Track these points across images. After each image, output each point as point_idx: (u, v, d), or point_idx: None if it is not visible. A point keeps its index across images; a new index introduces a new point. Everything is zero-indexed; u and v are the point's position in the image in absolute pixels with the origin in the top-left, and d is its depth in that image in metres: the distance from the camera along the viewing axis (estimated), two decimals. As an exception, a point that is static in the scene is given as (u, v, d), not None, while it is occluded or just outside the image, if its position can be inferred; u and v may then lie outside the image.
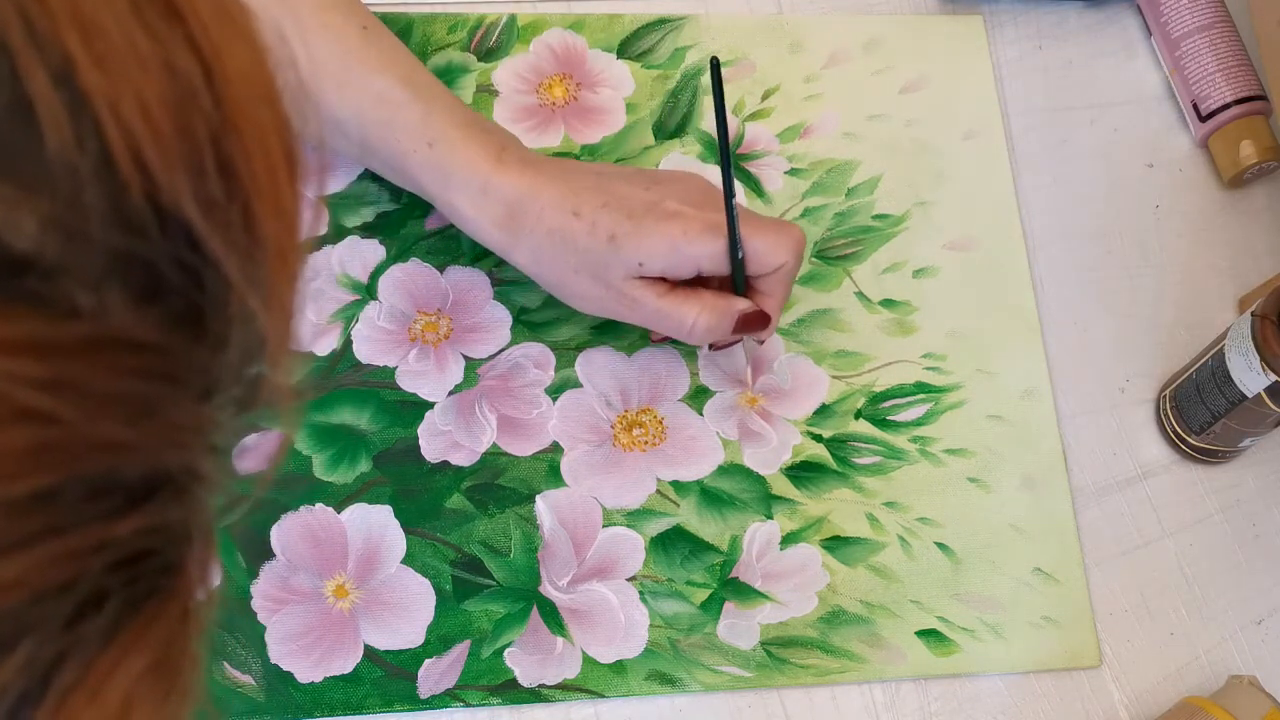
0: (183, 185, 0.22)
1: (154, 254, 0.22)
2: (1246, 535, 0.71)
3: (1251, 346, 0.62)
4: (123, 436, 0.22)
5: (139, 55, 0.22)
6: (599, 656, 0.63)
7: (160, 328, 0.22)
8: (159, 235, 0.22)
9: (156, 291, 0.22)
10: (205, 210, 0.22)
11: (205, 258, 0.23)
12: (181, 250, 0.22)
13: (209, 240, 0.22)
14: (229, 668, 0.60)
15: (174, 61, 0.22)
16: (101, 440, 0.21)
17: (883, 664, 0.65)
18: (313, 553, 0.63)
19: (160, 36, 0.22)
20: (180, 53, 0.22)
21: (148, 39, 0.22)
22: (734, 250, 0.60)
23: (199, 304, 0.23)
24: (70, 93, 0.21)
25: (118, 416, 0.21)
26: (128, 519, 0.22)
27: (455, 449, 0.65)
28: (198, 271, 0.22)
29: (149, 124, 0.21)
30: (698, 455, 0.67)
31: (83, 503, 0.21)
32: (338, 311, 0.67)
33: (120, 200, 0.21)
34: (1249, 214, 0.77)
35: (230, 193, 0.23)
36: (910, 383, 0.70)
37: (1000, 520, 0.68)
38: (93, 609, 0.22)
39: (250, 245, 0.24)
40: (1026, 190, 0.76)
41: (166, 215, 0.22)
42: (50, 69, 0.20)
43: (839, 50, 0.77)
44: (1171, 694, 0.66)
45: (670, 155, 0.73)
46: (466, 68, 0.73)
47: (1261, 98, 0.77)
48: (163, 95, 0.22)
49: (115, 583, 0.22)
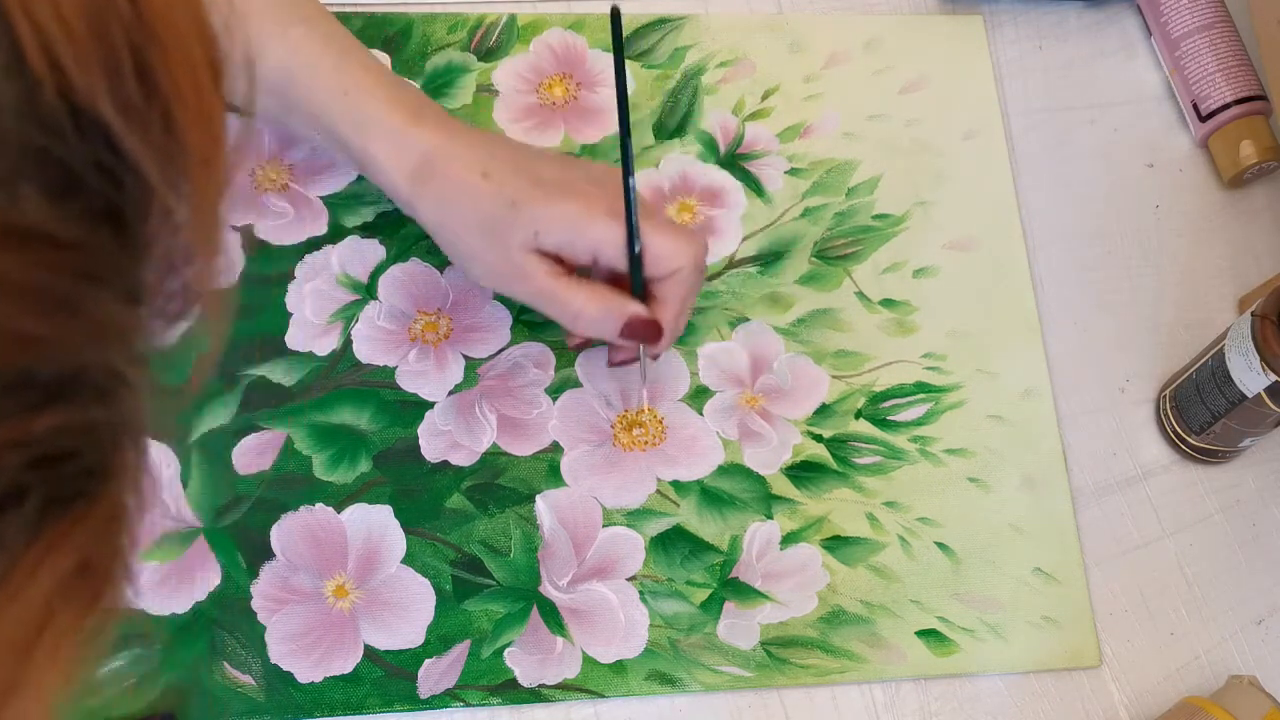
0: (98, 85, 0.22)
1: (70, 153, 0.22)
2: (1246, 535, 0.71)
3: (1251, 346, 0.62)
4: (38, 330, 0.21)
5: None
6: (599, 656, 0.63)
7: (77, 224, 0.22)
8: (75, 135, 0.22)
9: (73, 190, 0.22)
10: (122, 111, 0.22)
11: (124, 160, 0.23)
12: (100, 151, 0.22)
13: (126, 140, 0.22)
14: (229, 668, 0.60)
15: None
16: (15, 333, 0.21)
17: (883, 664, 0.65)
18: (313, 553, 0.63)
19: None
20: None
21: None
22: (631, 241, 0.59)
23: (119, 205, 0.23)
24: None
25: (33, 309, 0.21)
26: (44, 415, 0.22)
27: (455, 449, 0.65)
28: (116, 173, 0.23)
29: (62, 24, 0.21)
30: (698, 455, 0.67)
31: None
32: (338, 311, 0.67)
33: (33, 96, 0.21)
34: (1249, 214, 0.77)
35: (149, 97, 0.23)
36: (910, 383, 0.70)
37: (1000, 520, 0.68)
38: (12, 505, 0.22)
39: (171, 149, 0.24)
40: (1026, 190, 0.76)
41: (82, 115, 0.22)
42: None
43: (839, 50, 0.77)
44: (1171, 694, 0.66)
45: (670, 155, 0.73)
46: (466, 68, 0.73)
47: (1261, 98, 0.77)
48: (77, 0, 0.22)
49: (34, 480, 0.22)
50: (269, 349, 0.66)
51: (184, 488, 0.63)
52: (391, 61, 0.73)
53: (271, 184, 0.69)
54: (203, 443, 0.64)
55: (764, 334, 0.70)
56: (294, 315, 0.67)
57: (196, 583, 0.62)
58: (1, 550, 0.22)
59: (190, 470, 0.63)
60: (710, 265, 0.71)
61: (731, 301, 0.70)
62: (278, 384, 0.65)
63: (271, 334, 0.66)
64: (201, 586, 0.62)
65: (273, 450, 0.64)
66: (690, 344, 0.69)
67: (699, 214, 0.72)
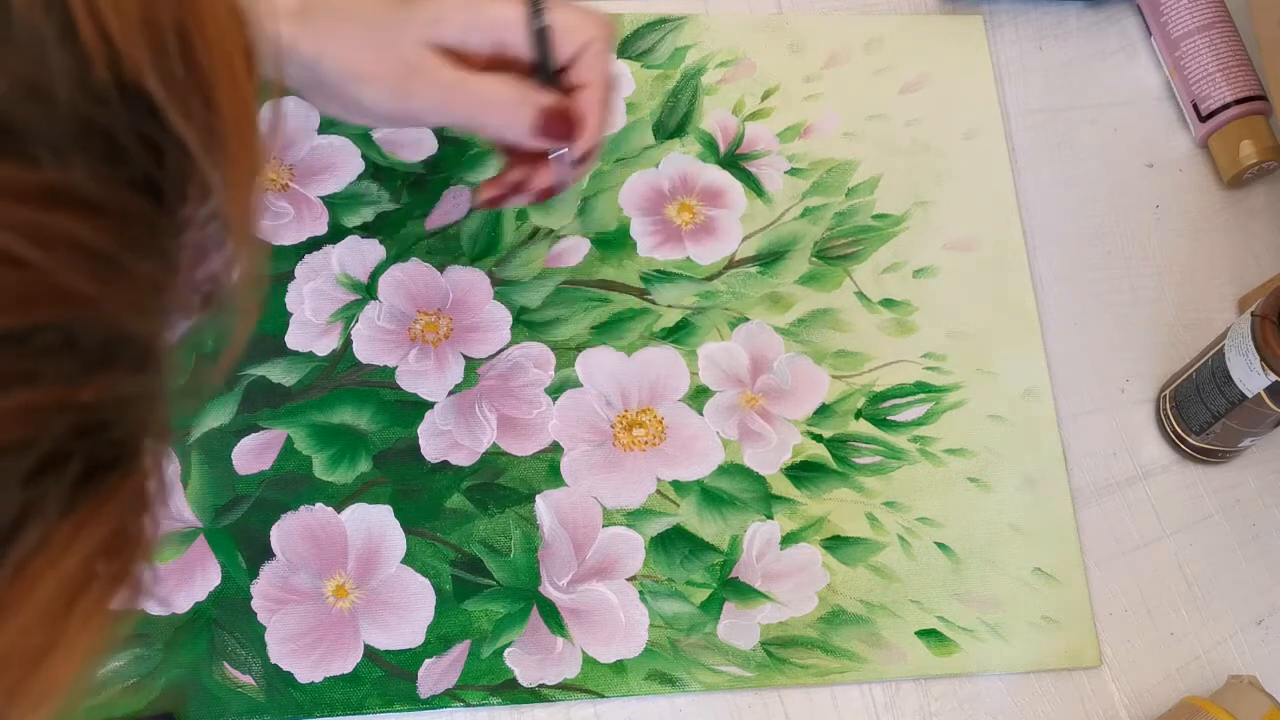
0: (145, 60, 0.23)
1: (116, 123, 0.23)
2: (1246, 535, 0.71)
3: (1251, 346, 0.62)
4: (88, 290, 0.22)
5: None
6: (599, 656, 0.63)
7: (123, 193, 0.23)
8: (121, 106, 0.23)
9: (118, 160, 0.23)
10: (167, 86, 0.23)
11: (167, 132, 0.23)
12: (144, 123, 0.23)
13: (170, 114, 0.23)
14: (229, 668, 0.60)
15: None
16: (68, 290, 0.22)
17: (883, 664, 0.65)
18: (313, 553, 0.63)
19: None
20: None
21: None
22: (535, 14, 0.53)
23: (159, 178, 0.23)
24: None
25: (83, 270, 0.22)
26: (90, 383, 0.23)
27: (455, 449, 0.65)
28: (158, 145, 0.23)
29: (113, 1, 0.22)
30: (698, 455, 0.67)
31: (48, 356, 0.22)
32: (338, 311, 0.67)
33: (84, 67, 0.22)
34: (1249, 214, 0.77)
35: (191, 76, 0.24)
36: (910, 383, 0.70)
37: (1000, 520, 0.68)
38: (54, 471, 0.22)
39: (211, 125, 0.24)
40: (1026, 190, 0.76)
41: (128, 88, 0.23)
42: None
43: (839, 50, 0.77)
44: (1171, 694, 0.66)
45: (670, 155, 0.73)
46: (466, 67, 0.73)
47: (1261, 98, 0.77)
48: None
49: (77, 447, 0.23)
50: (269, 349, 0.66)
51: (184, 488, 0.63)
52: (391, 61, 0.73)
53: (271, 184, 0.69)
54: (203, 443, 0.64)
55: (764, 334, 0.70)
56: (294, 315, 0.67)
57: (196, 583, 0.62)
58: (41, 515, 0.22)
59: (190, 470, 0.63)
60: (710, 265, 0.71)
61: (731, 301, 0.70)
62: (278, 384, 0.65)
63: (271, 334, 0.66)
64: (201, 586, 0.62)
65: (273, 450, 0.64)
66: (690, 344, 0.69)
67: (699, 214, 0.72)
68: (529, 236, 0.70)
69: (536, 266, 0.70)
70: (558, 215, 0.71)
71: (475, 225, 0.70)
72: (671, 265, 0.71)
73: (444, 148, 0.71)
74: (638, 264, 0.70)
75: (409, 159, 0.71)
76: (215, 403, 0.65)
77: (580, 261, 0.70)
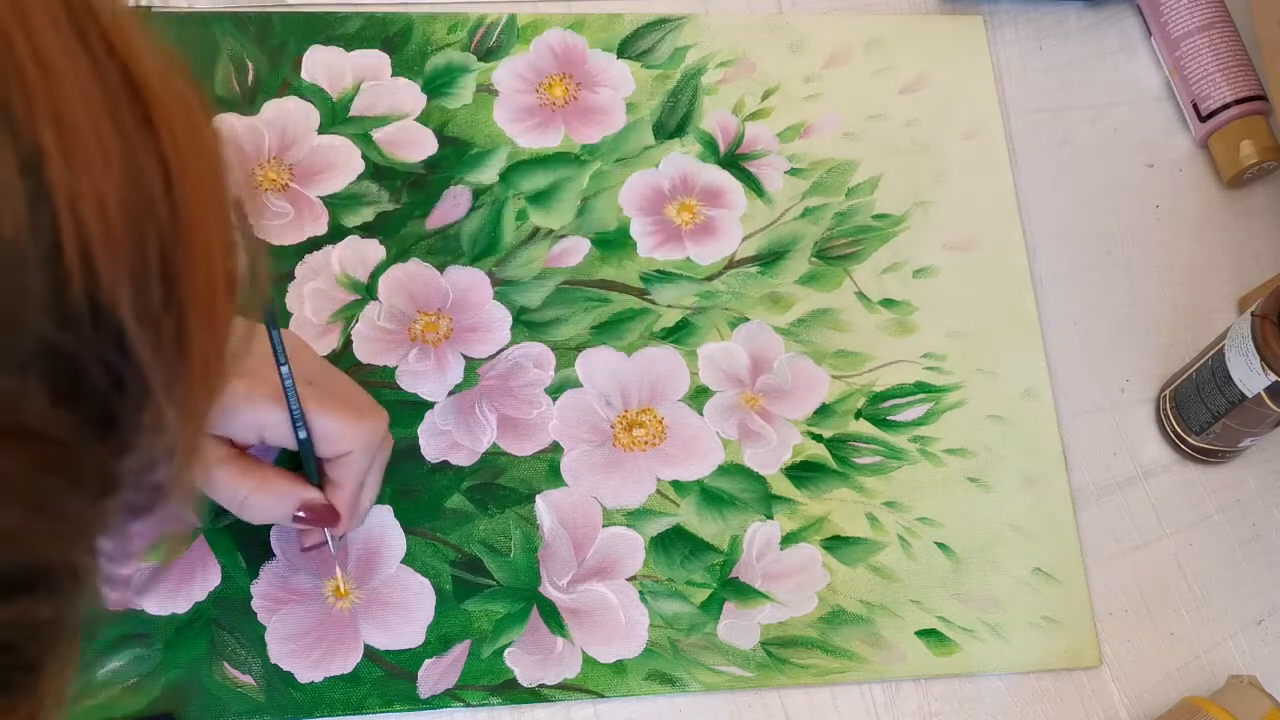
0: (123, 288, 0.22)
1: (82, 351, 0.22)
2: (1246, 535, 0.71)
3: (1251, 346, 0.62)
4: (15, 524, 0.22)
5: (106, 154, 0.22)
6: (599, 656, 0.63)
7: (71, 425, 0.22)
8: (91, 333, 0.22)
9: (75, 388, 0.22)
10: (140, 316, 0.23)
11: (131, 362, 0.23)
12: (109, 352, 0.22)
13: (138, 347, 0.23)
14: (229, 668, 0.60)
15: (139, 165, 0.23)
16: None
17: (883, 664, 0.65)
18: (313, 552, 0.62)
19: (130, 139, 0.23)
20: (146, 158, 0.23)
21: (119, 141, 0.22)
22: (296, 425, 0.55)
23: (114, 407, 0.23)
24: (35, 181, 0.21)
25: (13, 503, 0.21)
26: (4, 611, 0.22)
27: (455, 449, 0.65)
28: (121, 374, 0.23)
29: (104, 223, 0.22)
30: (698, 455, 0.67)
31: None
32: (338, 311, 0.67)
33: (60, 292, 0.21)
34: (1249, 214, 0.77)
35: (168, 301, 0.23)
36: (910, 383, 0.70)
37: (1000, 520, 0.68)
38: None
39: (177, 357, 0.24)
40: (1026, 190, 0.76)
41: (102, 314, 0.22)
42: (20, 156, 0.21)
43: (839, 50, 0.77)
44: (1171, 694, 0.66)
45: (670, 155, 0.73)
46: (466, 67, 0.73)
47: (1261, 98, 0.77)
48: (122, 197, 0.22)
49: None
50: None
51: (184, 488, 0.63)
52: (391, 61, 0.73)
53: (271, 184, 0.69)
54: (203, 443, 0.64)
55: (764, 334, 0.70)
56: (294, 315, 0.67)
57: (196, 583, 0.62)
58: None
59: (190, 470, 0.63)
60: (710, 265, 0.71)
61: (731, 301, 0.70)
62: None
63: (271, 334, 0.66)
64: (201, 586, 0.62)
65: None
66: (690, 344, 0.69)
67: (699, 214, 0.72)
68: (529, 236, 0.70)
69: (536, 266, 0.70)
70: (558, 215, 0.71)
71: (475, 225, 0.70)
72: (671, 265, 0.71)
73: (444, 148, 0.71)
74: (638, 264, 0.70)
75: (409, 159, 0.71)
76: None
77: (580, 261, 0.70)
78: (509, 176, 0.71)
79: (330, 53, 0.73)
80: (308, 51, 0.72)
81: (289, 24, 0.73)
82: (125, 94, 0.23)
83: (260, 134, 0.70)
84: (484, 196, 0.71)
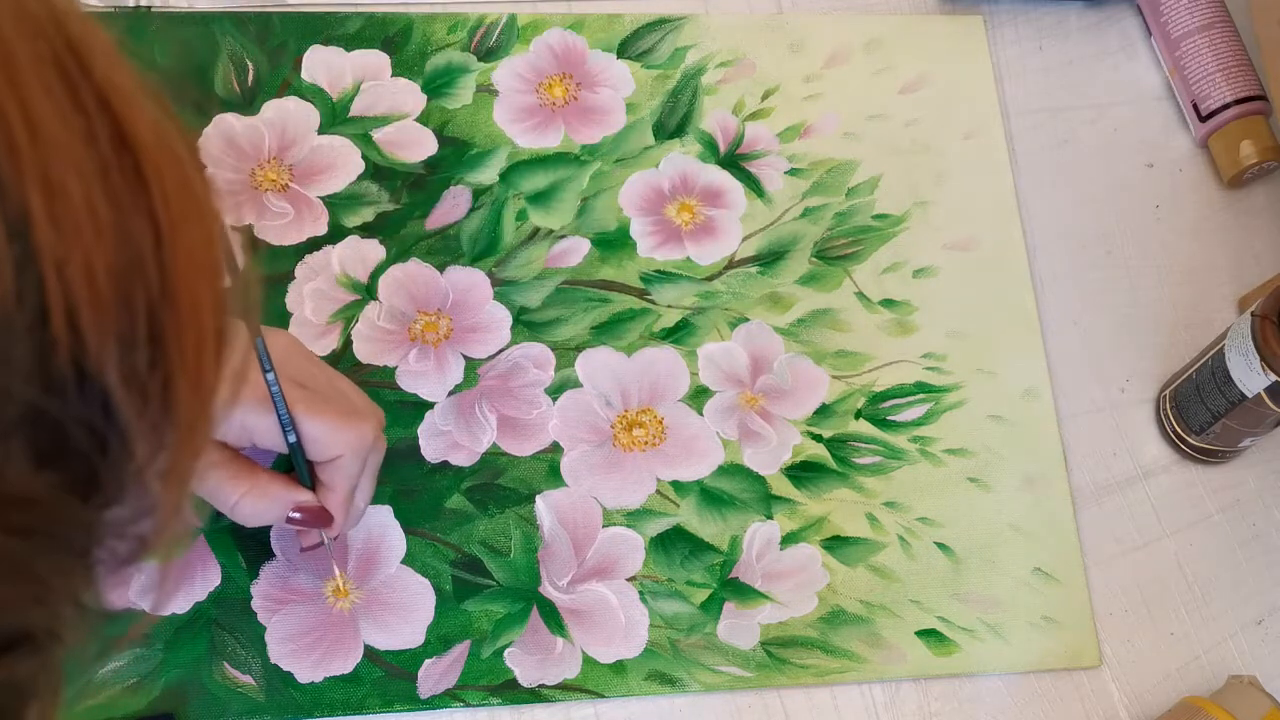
0: (110, 353, 0.22)
1: (65, 415, 0.22)
2: (1246, 535, 0.71)
3: (1251, 346, 0.62)
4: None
5: (96, 221, 0.22)
6: (599, 656, 0.63)
7: (54, 487, 0.22)
8: (75, 397, 0.22)
9: (58, 452, 0.22)
10: (126, 383, 0.22)
11: (115, 426, 0.23)
12: (94, 415, 0.22)
13: (123, 411, 0.23)
14: (229, 668, 0.60)
15: (129, 229, 0.22)
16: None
17: (883, 664, 0.65)
18: (313, 552, 0.62)
19: (121, 204, 0.22)
20: (137, 220, 0.23)
21: (108, 205, 0.22)
22: (285, 430, 0.55)
23: (98, 468, 0.23)
24: (22, 247, 0.21)
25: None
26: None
27: (455, 449, 0.65)
28: (104, 437, 0.23)
29: (91, 288, 0.22)
30: (698, 455, 0.67)
31: None
32: (338, 311, 0.67)
33: (46, 358, 0.21)
34: (1249, 214, 0.77)
35: (154, 363, 0.23)
36: (910, 383, 0.70)
37: (1000, 520, 0.68)
38: None
39: (162, 420, 0.24)
40: (1026, 190, 0.76)
41: (87, 379, 0.22)
42: (7, 221, 0.21)
43: (839, 50, 0.77)
44: (1171, 694, 0.66)
45: (670, 155, 0.73)
46: (466, 68, 0.73)
47: (1261, 98, 0.77)
48: (110, 262, 0.22)
49: None
50: (269, 349, 0.66)
51: (184, 488, 0.63)
52: (391, 61, 0.73)
53: (271, 184, 0.69)
54: (203, 443, 0.64)
55: (764, 334, 0.70)
56: (294, 315, 0.67)
57: (196, 583, 0.62)
58: None
59: (190, 470, 0.63)
60: (710, 265, 0.71)
61: (731, 301, 0.70)
62: None
63: (271, 334, 0.66)
64: (201, 586, 0.62)
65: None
66: (690, 344, 0.69)
67: (699, 214, 0.72)
68: (529, 236, 0.70)
69: (536, 266, 0.70)
70: (558, 215, 0.71)
71: (475, 225, 0.70)
72: (671, 265, 0.71)
73: (444, 148, 0.71)
74: (638, 264, 0.70)
75: (409, 159, 0.71)
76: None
77: (580, 261, 0.70)
78: (509, 176, 0.71)
79: (330, 53, 0.73)
80: (308, 51, 0.72)
81: (289, 24, 0.73)
82: (116, 155, 0.23)
83: (260, 134, 0.70)
84: (484, 196, 0.71)
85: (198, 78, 0.71)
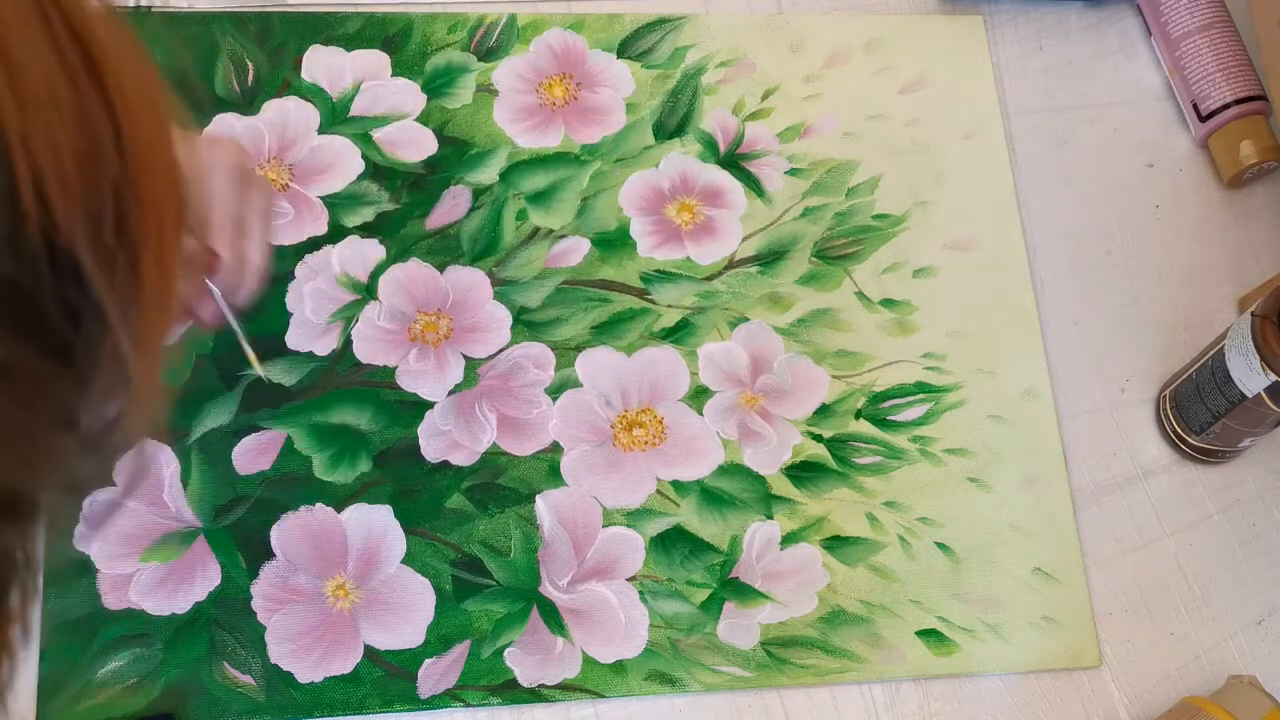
0: (79, 228, 0.23)
1: (39, 287, 0.23)
2: (1246, 535, 0.71)
3: (1251, 346, 0.62)
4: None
5: (58, 103, 0.23)
6: (599, 656, 0.63)
7: (34, 357, 0.23)
8: (48, 270, 0.23)
9: (36, 323, 0.23)
10: (96, 255, 0.24)
11: (88, 297, 0.24)
12: (66, 287, 0.23)
13: (95, 281, 0.24)
14: (229, 668, 0.60)
15: (90, 116, 0.23)
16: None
17: (883, 664, 0.65)
18: (313, 553, 0.63)
19: (81, 88, 0.23)
20: (96, 110, 0.24)
21: (69, 89, 0.23)
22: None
23: (73, 339, 0.24)
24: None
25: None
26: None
27: (455, 449, 0.65)
28: (77, 310, 0.24)
29: (57, 165, 0.23)
30: (698, 455, 0.67)
31: None
32: (338, 311, 0.67)
33: (17, 230, 0.22)
34: (1249, 214, 0.77)
35: (121, 242, 0.24)
36: (910, 383, 0.70)
37: (1000, 520, 0.68)
38: None
39: (131, 291, 0.25)
40: (1026, 190, 0.76)
41: (58, 253, 0.23)
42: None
43: (839, 50, 0.77)
44: (1171, 694, 0.66)
45: (670, 155, 0.73)
46: (466, 67, 0.73)
47: (1261, 98, 0.77)
48: (74, 144, 0.23)
49: None
50: (269, 349, 0.66)
51: (184, 488, 0.63)
52: (391, 61, 0.73)
53: (272, 184, 0.69)
54: (203, 443, 0.64)
55: (764, 334, 0.70)
56: (294, 315, 0.67)
57: (196, 583, 0.62)
58: None
59: (190, 470, 0.63)
60: (710, 265, 0.71)
61: (731, 301, 0.70)
62: (278, 384, 0.65)
63: (271, 334, 0.66)
64: (201, 586, 0.62)
65: (273, 450, 0.64)
66: (690, 344, 0.69)
67: (699, 214, 0.72)
68: (529, 236, 0.70)
69: (536, 266, 0.70)
70: (558, 215, 0.71)
71: (475, 225, 0.70)
72: (671, 265, 0.71)
73: (444, 148, 0.71)
74: (638, 264, 0.70)
75: (409, 159, 0.71)
76: (215, 403, 0.65)
77: (580, 261, 0.70)
78: (509, 176, 0.71)
79: (330, 53, 0.73)
80: (308, 51, 0.72)
81: (289, 24, 0.73)
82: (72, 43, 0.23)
83: (260, 134, 0.70)
84: (484, 196, 0.71)
85: (197, 78, 0.71)
